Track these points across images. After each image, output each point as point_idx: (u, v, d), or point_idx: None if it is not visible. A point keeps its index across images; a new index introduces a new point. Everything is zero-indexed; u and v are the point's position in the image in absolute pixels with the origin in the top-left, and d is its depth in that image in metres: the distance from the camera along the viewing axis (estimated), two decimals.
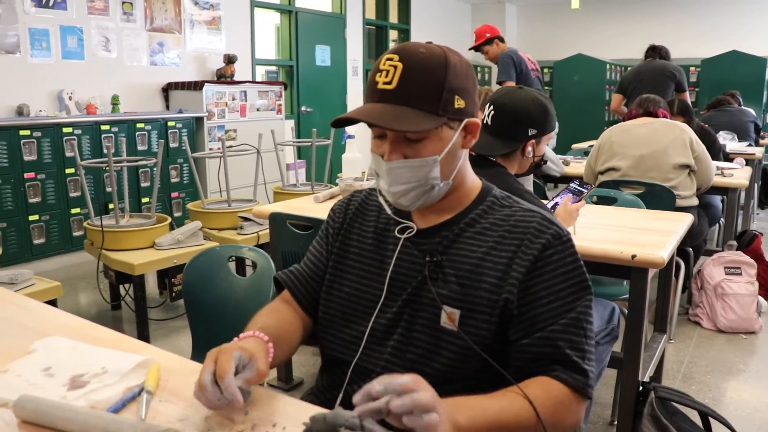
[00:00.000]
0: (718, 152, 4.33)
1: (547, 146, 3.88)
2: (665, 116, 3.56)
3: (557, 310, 1.10)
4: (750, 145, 5.57)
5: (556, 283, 1.11)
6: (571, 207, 2.08)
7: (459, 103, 1.13)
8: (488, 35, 5.26)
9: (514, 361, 1.12)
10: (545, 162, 2.04)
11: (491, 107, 1.95)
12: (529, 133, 1.90)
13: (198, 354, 1.85)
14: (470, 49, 5.47)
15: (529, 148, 1.93)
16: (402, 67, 1.10)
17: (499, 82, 5.19)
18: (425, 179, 1.13)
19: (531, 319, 1.11)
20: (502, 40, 5.32)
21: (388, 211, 1.25)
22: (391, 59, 1.11)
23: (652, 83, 5.08)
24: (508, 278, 1.12)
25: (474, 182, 1.25)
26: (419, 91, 1.09)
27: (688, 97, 5.35)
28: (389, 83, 1.10)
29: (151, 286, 4.00)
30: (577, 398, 1.08)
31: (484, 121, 1.94)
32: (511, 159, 1.94)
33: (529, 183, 2.34)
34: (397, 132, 1.11)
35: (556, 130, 2.14)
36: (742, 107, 6.23)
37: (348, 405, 0.92)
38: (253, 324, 1.19)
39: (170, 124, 5.39)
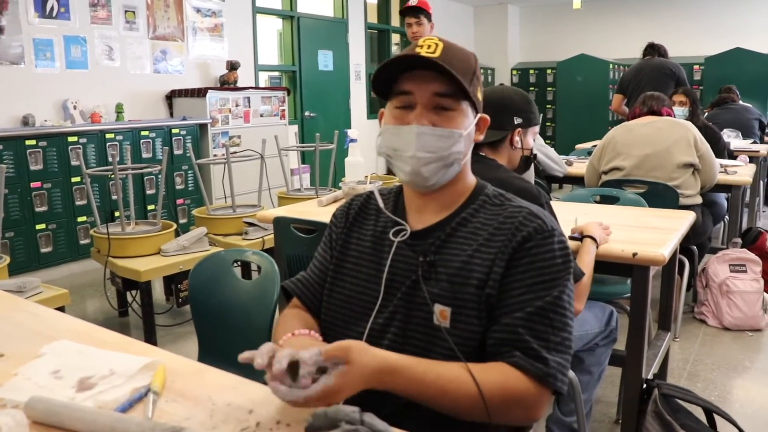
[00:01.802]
0: (722, 150, 4.33)
1: (551, 147, 3.91)
2: (669, 115, 3.56)
3: (526, 302, 1.11)
4: (755, 142, 5.56)
5: (531, 276, 1.12)
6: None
7: (479, 94, 1.22)
8: (431, 10, 4.45)
9: (486, 347, 1.13)
10: (535, 156, 2.06)
11: None
12: (515, 122, 1.94)
13: (204, 357, 1.87)
14: (402, 11, 4.54)
15: (517, 138, 1.95)
16: (443, 45, 1.17)
17: None
18: (449, 151, 1.17)
19: (501, 308, 1.12)
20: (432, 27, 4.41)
21: (381, 205, 1.28)
22: (430, 39, 1.18)
23: (652, 81, 5.08)
24: (492, 274, 1.14)
25: (470, 180, 1.28)
26: (459, 65, 1.16)
27: None
28: (433, 53, 1.16)
29: (158, 292, 4.02)
30: (536, 388, 1.07)
31: None
32: (500, 151, 1.95)
33: (530, 180, 2.36)
34: (441, 82, 1.14)
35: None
36: (746, 104, 6.22)
37: (349, 402, 0.94)
38: (283, 331, 1.20)
39: (174, 131, 5.42)
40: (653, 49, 5.40)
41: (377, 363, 1.01)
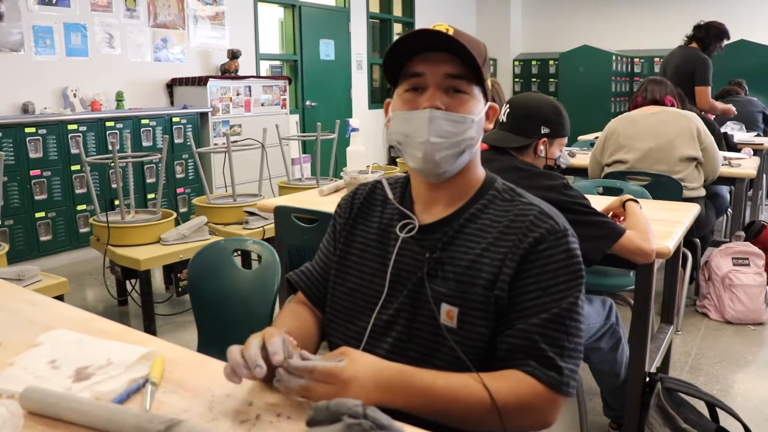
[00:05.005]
0: (719, 141, 4.26)
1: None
2: (672, 104, 3.52)
3: (542, 306, 1.08)
4: (758, 135, 5.52)
5: (546, 279, 1.09)
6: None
7: (489, 82, 1.19)
8: None
9: (497, 351, 1.11)
10: (558, 166, 2.05)
11: (507, 106, 2.03)
12: (542, 131, 1.95)
13: (204, 347, 1.85)
14: None
15: (542, 147, 1.97)
16: (454, 30, 1.14)
17: None
18: (461, 137, 1.14)
19: (516, 312, 1.09)
20: None
21: (390, 196, 1.25)
22: (440, 24, 1.15)
23: (674, 77, 4.74)
24: (501, 275, 1.11)
25: (480, 172, 1.24)
26: (471, 48, 1.12)
27: (708, 93, 4.95)
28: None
29: (158, 281, 4.01)
30: (549, 395, 1.05)
31: (500, 119, 1.98)
32: (524, 157, 1.96)
33: None
34: (454, 63, 1.12)
35: None
36: (750, 97, 6.17)
37: None
38: (276, 326, 1.19)
39: (175, 119, 5.39)
40: (692, 35, 4.96)
41: (386, 365, 1.00)
